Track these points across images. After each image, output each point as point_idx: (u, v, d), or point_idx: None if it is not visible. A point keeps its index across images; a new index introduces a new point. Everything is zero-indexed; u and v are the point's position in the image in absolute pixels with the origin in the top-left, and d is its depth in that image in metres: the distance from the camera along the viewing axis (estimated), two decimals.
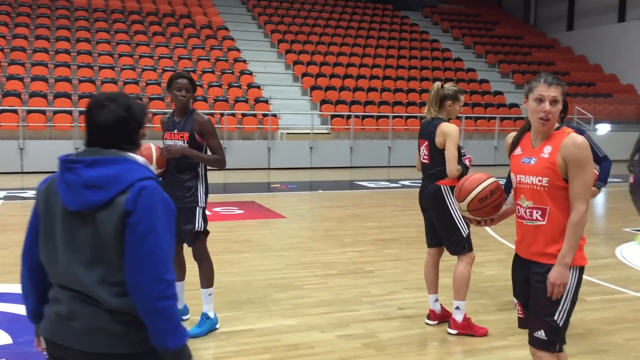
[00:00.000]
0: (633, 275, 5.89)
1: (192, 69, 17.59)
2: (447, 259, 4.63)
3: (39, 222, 1.99)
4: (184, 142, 4.07)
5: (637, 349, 4.08)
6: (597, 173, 4.36)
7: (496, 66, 22.77)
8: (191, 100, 4.17)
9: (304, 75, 18.81)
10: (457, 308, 4.30)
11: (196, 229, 4.11)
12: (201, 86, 16.78)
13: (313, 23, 22.24)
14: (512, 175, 2.82)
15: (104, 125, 1.93)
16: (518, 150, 2.82)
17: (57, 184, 1.94)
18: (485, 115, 18.45)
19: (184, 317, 4.40)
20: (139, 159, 2.00)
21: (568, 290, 2.68)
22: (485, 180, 2.93)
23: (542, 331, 2.71)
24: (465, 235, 4.31)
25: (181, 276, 4.28)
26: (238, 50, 19.31)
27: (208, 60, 18.28)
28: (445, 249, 4.49)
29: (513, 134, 2.93)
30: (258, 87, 17.49)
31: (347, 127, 16.62)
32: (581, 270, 2.72)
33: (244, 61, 18.63)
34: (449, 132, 4.21)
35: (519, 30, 26.29)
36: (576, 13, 26.14)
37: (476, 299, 5.02)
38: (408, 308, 4.84)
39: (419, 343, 4.16)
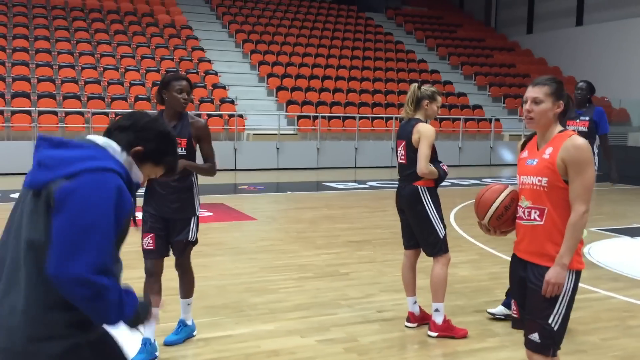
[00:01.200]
0: (603, 275, 6.01)
1: (155, 68, 17.28)
2: (423, 261, 4.63)
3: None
4: (181, 150, 3.75)
5: (614, 348, 4.14)
6: None
7: (459, 68, 23.08)
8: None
9: (270, 75, 18.69)
10: (437, 310, 4.29)
11: (189, 239, 3.91)
12: None
13: (278, 23, 22.13)
14: (518, 178, 2.84)
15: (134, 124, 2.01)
16: (525, 154, 2.85)
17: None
18: (450, 117, 18.67)
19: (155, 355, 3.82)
20: (117, 149, 1.92)
21: (564, 294, 2.69)
22: (501, 192, 2.87)
23: (537, 334, 2.72)
24: (442, 237, 4.31)
25: (158, 302, 3.82)
26: (202, 50, 19.07)
27: (172, 59, 17.98)
28: (422, 250, 4.49)
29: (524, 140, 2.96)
30: (223, 87, 17.29)
31: (313, 127, 16.58)
32: (578, 274, 2.73)
33: (209, 61, 18.41)
34: (423, 131, 4.22)
35: (481, 33, 26.72)
36: (535, 16, 26.73)
37: (453, 301, 5.03)
38: (387, 311, 4.81)
39: (400, 346, 4.14)
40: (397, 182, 4.50)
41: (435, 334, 4.27)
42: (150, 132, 1.99)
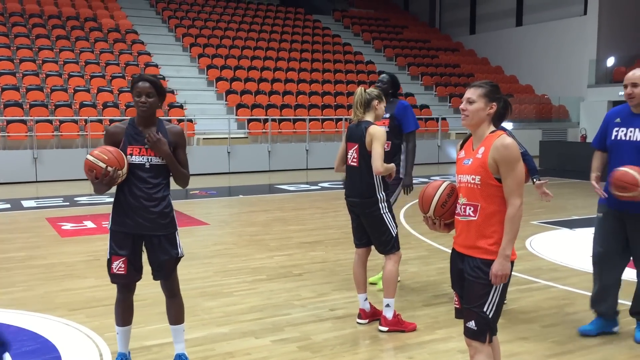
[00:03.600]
0: (543, 265, 6.30)
1: (100, 74, 16.97)
2: (373, 259, 4.76)
3: None
4: (159, 159, 3.49)
5: (554, 333, 4.37)
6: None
7: (406, 69, 23.53)
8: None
9: (219, 79, 18.62)
10: (387, 305, 4.44)
11: (180, 255, 3.66)
12: (111, 92, 16.22)
13: (225, 27, 22.05)
14: (456, 177, 3.02)
15: None
16: (462, 154, 3.03)
17: None
18: None
19: None
20: None
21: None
22: (440, 185, 3.06)
23: (473, 322, 2.89)
24: (394, 235, 4.46)
25: (129, 320, 3.72)
26: (149, 54, 18.82)
27: (117, 64, 17.69)
28: (373, 248, 4.63)
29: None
30: (172, 92, 17.12)
31: (264, 130, 16.62)
32: (511, 264, 2.90)
33: (156, 65, 18.19)
34: (375, 133, 4.34)
35: (426, 34, 27.31)
36: (477, 17, 27.51)
37: (403, 296, 5.19)
38: (339, 309, 4.93)
39: (352, 342, 4.25)
40: (345, 183, 4.62)
41: (386, 329, 4.41)
42: None
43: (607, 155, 4.29)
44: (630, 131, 4.08)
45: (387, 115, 5.15)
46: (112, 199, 3.63)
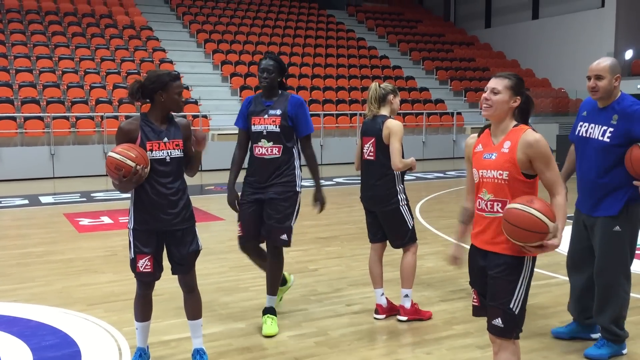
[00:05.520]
0: (562, 261, 6.19)
1: (116, 70, 17.07)
2: (389, 254, 4.74)
3: None
4: (179, 152, 3.54)
5: None
6: None
7: (421, 63, 23.39)
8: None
9: (233, 75, 18.64)
10: (406, 296, 4.50)
11: (199, 248, 3.70)
12: (126, 87, 16.31)
13: (239, 22, 22.07)
14: (475, 172, 2.94)
15: None
16: (479, 148, 2.95)
17: None
18: (413, 112, 18.94)
19: None
20: None
21: (522, 279, 2.82)
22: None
23: (499, 319, 2.83)
24: (411, 227, 4.50)
25: (148, 315, 3.75)
26: (164, 50, 18.90)
27: (133, 61, 17.78)
28: (388, 243, 4.62)
29: (474, 135, 3.05)
30: (187, 88, 17.18)
31: None
32: (534, 260, 2.87)
33: (171, 62, 18.26)
34: (392, 126, 4.38)
35: (440, 28, 27.12)
36: (493, 11, 27.25)
37: (419, 291, 5.17)
38: (355, 304, 4.92)
39: (370, 338, 4.24)
40: (361, 178, 4.61)
41: (405, 318, 4.47)
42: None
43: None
44: (592, 127, 3.72)
45: (278, 113, 4.23)
46: (128, 195, 3.64)
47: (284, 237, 4.27)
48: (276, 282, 4.40)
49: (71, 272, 5.97)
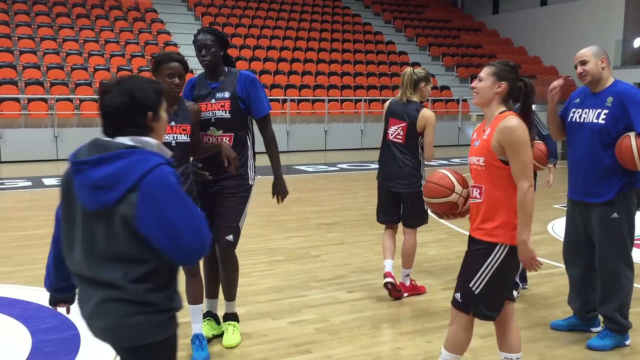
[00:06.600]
0: None
1: (120, 52, 16.98)
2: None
3: (62, 213, 2.04)
4: (186, 137, 3.46)
5: None
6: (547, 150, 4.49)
7: (427, 49, 23.19)
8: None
9: (237, 59, 18.51)
10: (407, 275, 4.74)
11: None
12: (131, 71, 16.23)
13: (244, 5, 21.89)
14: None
15: (106, 110, 1.98)
16: (475, 136, 3.02)
17: (73, 181, 1.95)
18: None
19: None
20: (151, 142, 1.98)
21: (488, 265, 2.85)
22: (443, 197, 3.07)
23: (459, 294, 2.96)
24: (426, 209, 4.62)
25: (200, 298, 3.73)
26: (168, 33, 18.78)
27: (137, 43, 17.67)
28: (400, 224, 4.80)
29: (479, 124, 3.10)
30: (191, 71, 17.05)
31: (283, 111, 16.53)
32: (511, 249, 2.84)
33: (175, 45, 18.13)
34: (429, 118, 4.51)
35: (447, 13, 26.84)
36: None
37: (421, 279, 5.13)
38: (356, 291, 4.90)
39: (371, 325, 4.22)
40: (383, 159, 4.66)
41: (405, 294, 4.69)
42: (134, 105, 1.99)
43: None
44: (586, 112, 3.75)
45: (226, 95, 3.64)
46: None
47: (230, 237, 3.77)
48: (232, 286, 3.89)
49: None
